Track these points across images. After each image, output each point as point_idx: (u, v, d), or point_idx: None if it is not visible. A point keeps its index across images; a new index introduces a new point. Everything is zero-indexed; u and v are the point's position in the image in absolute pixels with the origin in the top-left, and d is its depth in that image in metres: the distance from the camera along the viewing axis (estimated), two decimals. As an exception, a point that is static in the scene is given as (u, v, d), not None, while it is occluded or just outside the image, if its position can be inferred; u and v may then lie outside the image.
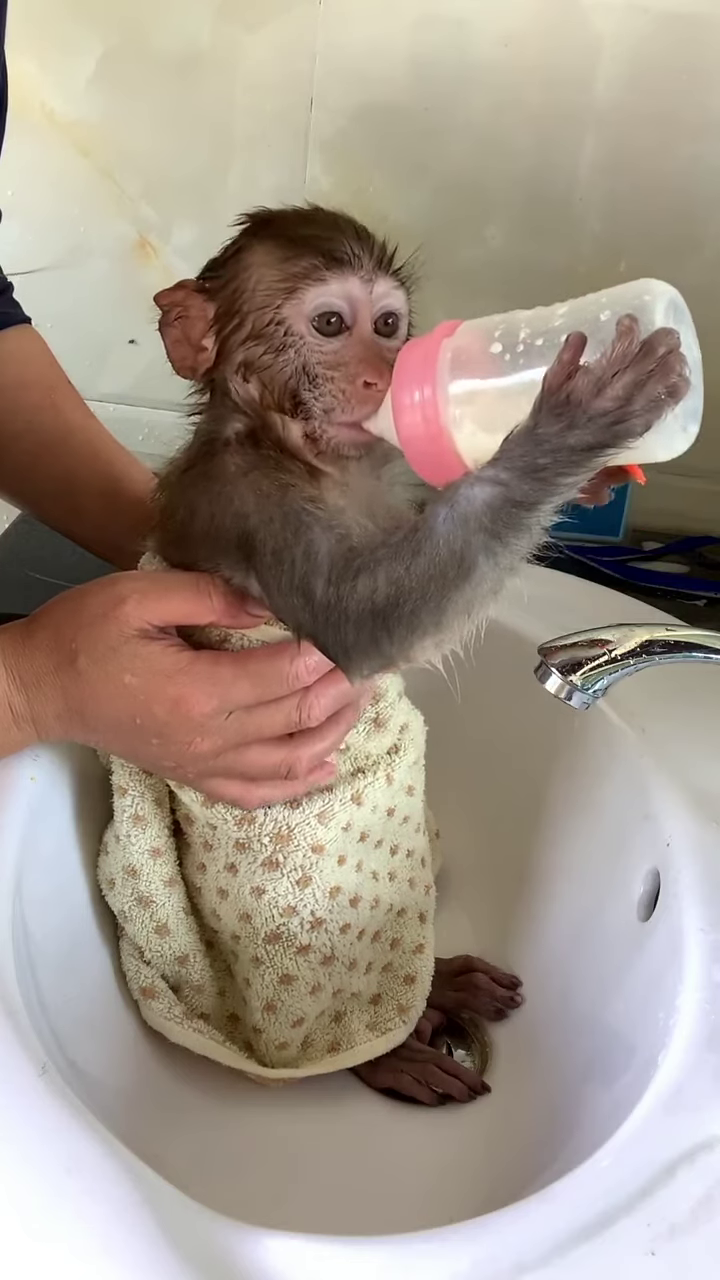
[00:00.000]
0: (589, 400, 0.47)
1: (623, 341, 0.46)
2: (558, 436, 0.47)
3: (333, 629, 0.53)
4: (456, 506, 0.50)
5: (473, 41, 1.05)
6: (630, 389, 0.46)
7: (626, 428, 0.47)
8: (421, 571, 0.51)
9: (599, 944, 0.70)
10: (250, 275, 0.57)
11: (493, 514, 0.50)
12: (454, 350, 0.52)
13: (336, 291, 0.55)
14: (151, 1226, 0.43)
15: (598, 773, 0.75)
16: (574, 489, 0.49)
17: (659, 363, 0.46)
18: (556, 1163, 0.57)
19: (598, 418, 0.47)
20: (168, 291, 0.58)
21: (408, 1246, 0.45)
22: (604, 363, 0.46)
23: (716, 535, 1.18)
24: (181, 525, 0.58)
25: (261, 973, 0.65)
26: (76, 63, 1.09)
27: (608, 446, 0.47)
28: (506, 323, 0.52)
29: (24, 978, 0.55)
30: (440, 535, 0.50)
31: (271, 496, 0.54)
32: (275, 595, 0.55)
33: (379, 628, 0.52)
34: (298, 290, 0.55)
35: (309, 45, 1.06)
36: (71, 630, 0.57)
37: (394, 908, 0.69)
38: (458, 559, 0.50)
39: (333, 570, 0.53)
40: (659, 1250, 0.44)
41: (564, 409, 0.47)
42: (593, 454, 0.48)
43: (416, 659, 0.54)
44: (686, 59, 1.04)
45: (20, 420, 0.81)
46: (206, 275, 0.59)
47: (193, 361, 0.58)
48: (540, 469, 0.48)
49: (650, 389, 0.46)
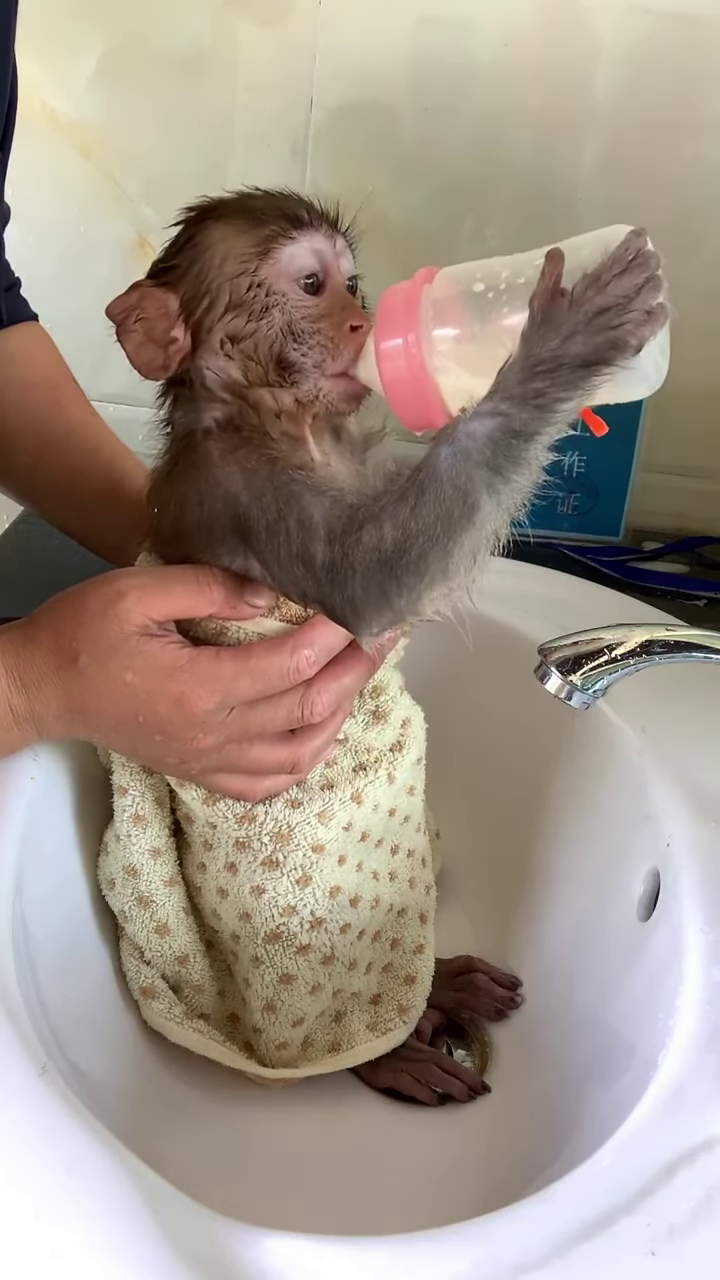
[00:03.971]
0: (591, 297, 0.47)
1: (620, 252, 0.47)
2: (555, 351, 0.48)
3: (339, 587, 0.53)
4: (457, 443, 0.50)
5: (473, 42, 1.05)
6: (629, 290, 0.47)
7: (621, 334, 0.47)
8: (428, 512, 0.51)
9: (599, 944, 0.70)
10: (215, 252, 0.56)
11: (494, 446, 0.50)
12: (436, 294, 0.53)
13: (308, 249, 0.56)
14: (151, 1226, 0.43)
15: (598, 773, 0.75)
16: (569, 416, 0.49)
17: (652, 275, 0.47)
18: (556, 1163, 0.57)
19: (596, 318, 0.47)
20: (119, 299, 0.57)
21: (408, 1246, 0.45)
22: (602, 263, 0.47)
23: (716, 535, 1.18)
24: (174, 521, 0.58)
25: (261, 972, 0.65)
26: (77, 63, 1.09)
27: (603, 362, 0.48)
28: (486, 267, 0.52)
29: (24, 978, 0.55)
30: (444, 473, 0.50)
31: (260, 472, 0.54)
32: (276, 569, 0.55)
33: (387, 578, 0.52)
34: (271, 251, 0.56)
35: (309, 45, 1.07)
36: (72, 629, 0.57)
37: (394, 908, 0.69)
38: (462, 496, 0.50)
39: (332, 531, 0.53)
40: (659, 1250, 0.44)
41: (559, 318, 0.48)
42: (589, 371, 0.48)
43: (425, 610, 0.54)
44: (686, 60, 1.04)
45: (25, 417, 0.81)
46: (160, 270, 0.58)
47: (163, 360, 0.57)
48: (539, 394, 0.48)
49: (647, 295, 0.47)
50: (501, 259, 0.53)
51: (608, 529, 1.16)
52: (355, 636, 0.56)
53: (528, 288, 0.50)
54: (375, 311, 0.54)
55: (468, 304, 0.52)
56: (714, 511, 1.19)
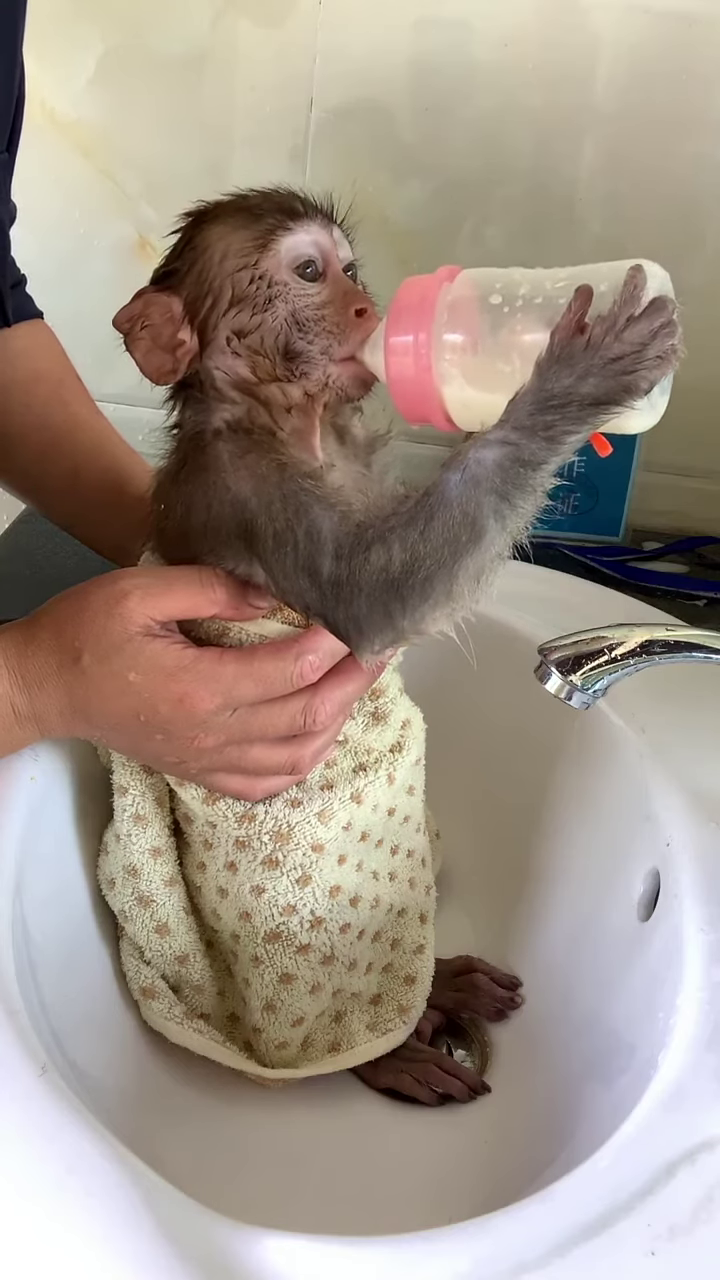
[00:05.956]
0: (609, 344, 0.48)
1: (632, 291, 0.48)
2: (568, 389, 0.48)
3: (344, 604, 0.54)
4: (467, 470, 0.51)
5: (473, 42, 1.05)
6: (645, 336, 0.48)
7: (635, 380, 0.48)
8: (436, 537, 0.51)
9: (599, 944, 0.70)
10: (214, 251, 0.57)
11: (503, 474, 0.50)
12: (452, 298, 0.53)
13: (306, 239, 0.57)
14: (151, 1226, 0.43)
15: (598, 773, 0.75)
16: (576, 447, 0.50)
17: (667, 320, 0.48)
18: (556, 1163, 0.57)
19: (612, 363, 0.48)
20: (124, 309, 0.57)
21: (408, 1246, 0.45)
22: (617, 309, 0.48)
23: (716, 535, 1.18)
24: (180, 522, 0.58)
25: (261, 972, 0.65)
26: (77, 63, 1.09)
27: (613, 402, 0.49)
28: (506, 278, 0.52)
29: (24, 978, 0.55)
30: (454, 499, 0.51)
31: (269, 478, 0.55)
32: (280, 579, 0.55)
33: (392, 599, 0.53)
34: (270, 244, 0.56)
35: (309, 46, 1.06)
36: (74, 628, 0.57)
37: (394, 908, 0.69)
38: (470, 522, 0.51)
39: (340, 547, 0.53)
40: (659, 1250, 0.44)
41: (579, 356, 0.48)
42: (598, 409, 0.49)
43: (428, 630, 0.54)
44: (686, 59, 1.04)
45: (30, 414, 0.81)
46: (162, 276, 0.59)
47: (171, 363, 0.57)
48: (549, 426, 0.49)
49: (661, 341, 0.48)
50: (523, 271, 0.53)
51: (608, 529, 1.16)
52: (355, 653, 0.56)
53: (543, 308, 0.50)
54: (391, 301, 0.54)
55: (482, 314, 0.52)
56: (714, 511, 1.19)
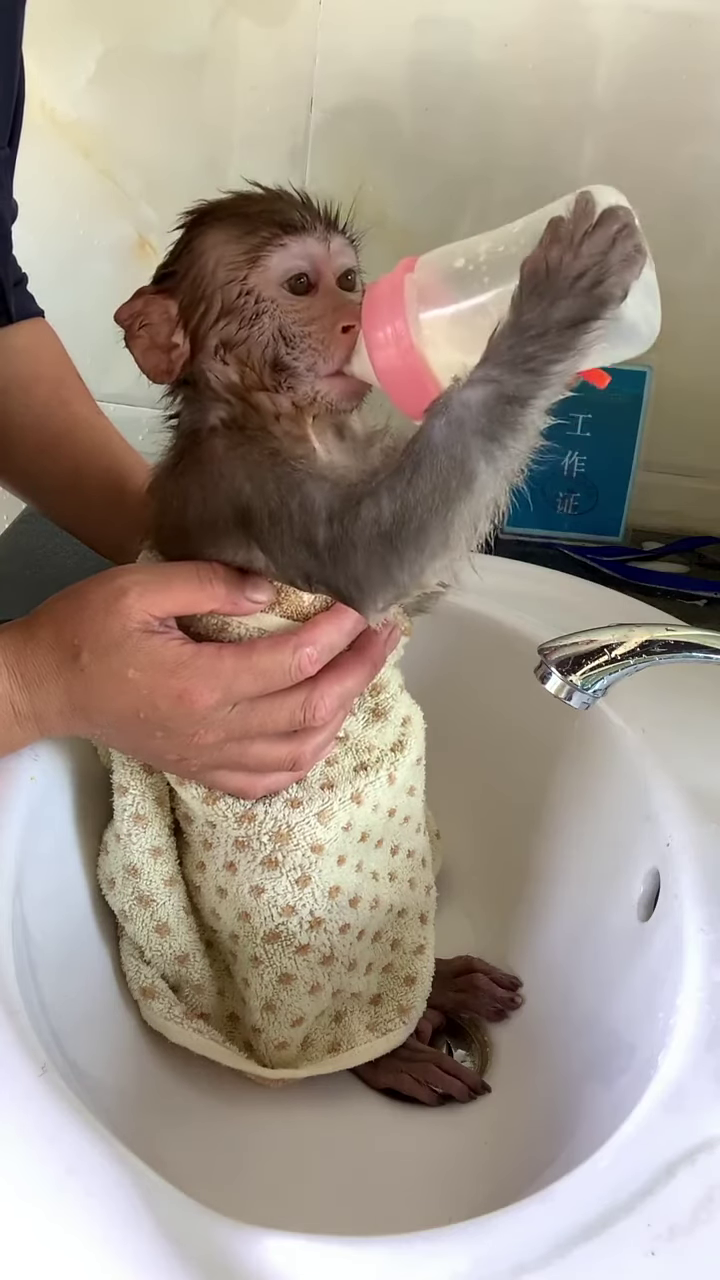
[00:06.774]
0: (569, 263, 0.48)
1: (583, 207, 0.48)
2: (542, 316, 0.48)
3: (341, 565, 0.53)
4: (451, 412, 0.50)
5: (473, 42, 1.05)
6: (603, 244, 0.47)
7: (605, 290, 0.48)
8: (425, 484, 0.51)
9: (599, 944, 0.70)
10: (209, 258, 0.57)
11: (488, 414, 0.50)
12: (419, 280, 0.53)
13: (298, 253, 0.56)
14: (151, 1226, 0.43)
15: (598, 773, 0.75)
16: (564, 378, 0.50)
17: (622, 224, 0.48)
18: (556, 1163, 0.57)
19: (578, 280, 0.48)
20: (125, 305, 0.58)
21: (408, 1246, 0.45)
22: (571, 227, 0.48)
23: (716, 535, 1.18)
24: (177, 517, 0.58)
25: (260, 972, 0.65)
26: (77, 63, 1.09)
27: (590, 318, 0.48)
28: (465, 245, 0.53)
29: (24, 978, 0.55)
30: (439, 444, 0.51)
31: (263, 465, 0.55)
32: (279, 556, 0.55)
33: (389, 552, 0.52)
34: (260, 259, 0.56)
35: (309, 46, 1.07)
36: (73, 626, 0.57)
37: (394, 908, 0.69)
38: (459, 466, 0.50)
39: (332, 511, 0.53)
40: (659, 1250, 0.44)
41: (544, 284, 0.48)
42: (576, 330, 0.48)
43: (429, 582, 0.54)
44: (686, 59, 1.04)
45: (30, 413, 0.81)
46: (162, 276, 0.59)
47: (167, 364, 0.58)
48: (530, 358, 0.49)
49: (621, 245, 0.48)
50: (481, 235, 0.53)
51: (608, 529, 1.16)
52: (362, 614, 0.56)
53: (506, 258, 0.50)
54: None
55: (450, 282, 0.52)
56: (714, 511, 1.19)
